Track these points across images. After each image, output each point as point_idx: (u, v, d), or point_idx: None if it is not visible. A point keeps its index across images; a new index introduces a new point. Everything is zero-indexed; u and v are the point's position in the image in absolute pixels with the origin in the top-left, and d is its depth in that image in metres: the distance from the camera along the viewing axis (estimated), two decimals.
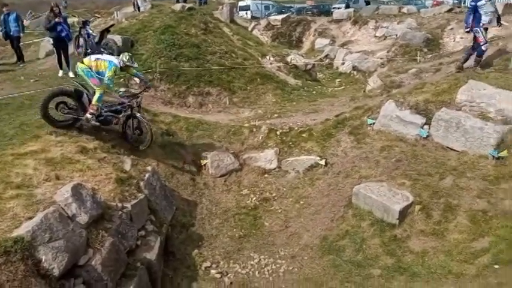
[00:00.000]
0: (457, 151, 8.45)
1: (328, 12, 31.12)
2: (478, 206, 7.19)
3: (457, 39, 17.86)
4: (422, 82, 10.31)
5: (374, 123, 9.76)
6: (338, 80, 17.28)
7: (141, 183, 7.66)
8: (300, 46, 23.48)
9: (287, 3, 39.60)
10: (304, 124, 10.69)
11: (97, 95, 8.07)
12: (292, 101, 12.77)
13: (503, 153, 7.87)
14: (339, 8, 29.69)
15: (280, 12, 32.31)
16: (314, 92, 13.94)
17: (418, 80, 10.79)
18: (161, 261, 7.30)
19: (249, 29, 23.94)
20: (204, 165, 9.87)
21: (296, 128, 10.62)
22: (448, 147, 8.60)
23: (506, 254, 6.20)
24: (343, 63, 18.40)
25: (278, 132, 10.57)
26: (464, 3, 26.15)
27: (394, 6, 25.67)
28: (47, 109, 7.75)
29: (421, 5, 31.47)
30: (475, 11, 9.71)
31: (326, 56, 20.10)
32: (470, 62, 10.13)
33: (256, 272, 7.54)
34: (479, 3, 9.61)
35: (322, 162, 9.52)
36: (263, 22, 26.33)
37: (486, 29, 9.76)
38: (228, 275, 7.49)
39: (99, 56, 8.38)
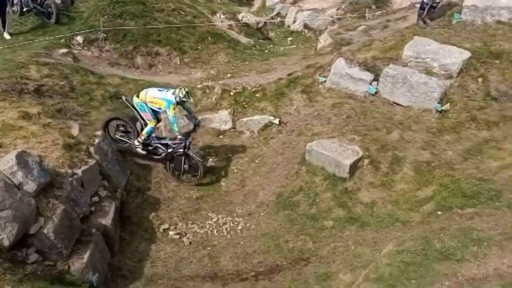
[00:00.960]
0: (403, 106, 8.81)
1: None
2: (423, 158, 7.62)
3: None
4: (370, 39, 10.49)
5: (325, 81, 9.90)
6: (290, 38, 17.15)
7: (91, 149, 7.43)
8: (250, 4, 22.83)
9: None
10: (258, 84, 10.64)
11: (147, 128, 8.27)
12: (245, 61, 12.60)
13: (446, 107, 8.30)
14: None
15: None
16: (266, 51, 13.80)
17: (367, 37, 10.95)
18: (117, 226, 7.24)
19: None
20: (158, 128, 9.65)
21: (249, 88, 10.55)
22: (395, 103, 8.94)
23: (447, 201, 6.68)
24: (294, 22, 18.23)
25: (232, 93, 10.47)
26: None
27: None
28: (107, 127, 8.42)
29: None
30: None
31: (277, 14, 19.79)
32: (429, 13, 10.33)
33: (215, 231, 7.66)
34: None
35: (276, 121, 9.62)
36: None
37: None
38: (187, 236, 7.57)
39: (155, 93, 8.16)
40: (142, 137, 8.29)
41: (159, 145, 8.42)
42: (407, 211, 6.98)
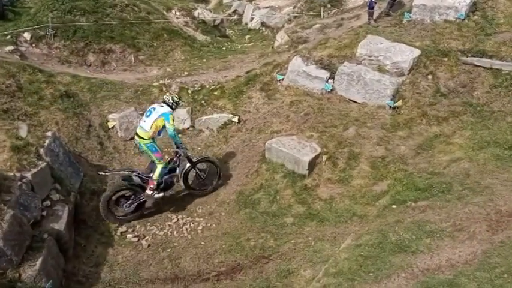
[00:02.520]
0: (358, 103, 9.03)
1: None
2: (378, 153, 7.85)
3: None
4: (326, 37, 10.67)
5: (283, 78, 9.97)
6: (247, 36, 17.16)
7: (41, 150, 7.10)
8: (207, 0, 22.72)
9: None
10: (216, 81, 10.57)
11: (158, 170, 7.49)
12: (202, 58, 12.46)
13: (399, 103, 8.59)
14: None
15: None
16: (224, 49, 13.72)
17: (322, 35, 11.14)
18: (71, 230, 6.97)
19: None
20: (112, 127, 9.36)
21: (208, 86, 10.46)
22: (350, 100, 9.15)
23: (402, 195, 6.91)
24: (252, 19, 18.25)
25: (189, 91, 10.33)
26: None
27: None
28: (109, 211, 7.43)
29: None
30: None
31: (235, 12, 19.75)
32: (395, 7, 10.67)
33: (175, 232, 7.54)
34: None
35: (235, 119, 9.59)
36: None
37: None
38: (146, 238, 7.40)
39: (149, 118, 7.35)
40: (155, 182, 7.48)
41: (167, 176, 7.73)
42: (364, 205, 7.16)
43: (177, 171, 7.91)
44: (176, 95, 7.79)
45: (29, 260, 5.72)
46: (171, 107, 7.48)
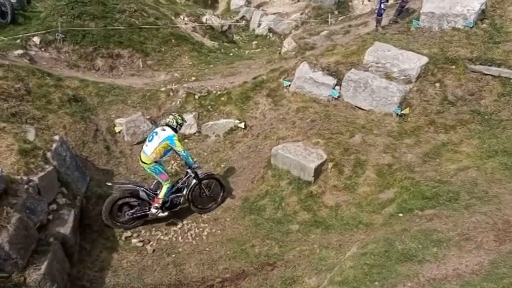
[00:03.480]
0: (365, 110, 8.99)
1: None
2: (384, 160, 7.80)
3: (365, 2, 18.58)
4: (333, 44, 10.67)
5: (290, 85, 9.98)
6: (255, 42, 17.23)
7: (49, 154, 7.14)
8: (215, 6, 22.82)
9: None
10: (223, 87, 10.60)
11: (164, 190, 7.50)
12: (210, 64, 12.51)
13: (406, 111, 8.55)
14: None
15: None
16: (231, 55, 13.78)
17: (330, 42, 11.14)
18: (77, 235, 6.99)
19: None
20: (119, 132, 9.42)
21: (214, 92, 10.50)
22: (357, 107, 9.12)
23: (408, 203, 6.86)
24: (259, 25, 18.32)
25: (196, 96, 10.38)
26: None
27: None
28: (111, 216, 7.42)
29: None
30: None
31: (242, 18, 19.85)
32: (403, 14, 10.67)
33: (180, 238, 7.53)
34: None
35: (242, 125, 9.60)
36: None
37: None
38: (151, 243, 7.40)
39: (152, 143, 7.30)
40: (160, 201, 7.50)
41: (173, 195, 7.71)
42: (370, 213, 7.11)
43: (185, 191, 7.79)
44: (180, 117, 7.60)
45: (35, 263, 5.72)
46: (174, 129, 7.40)
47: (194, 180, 7.76)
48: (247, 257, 6.93)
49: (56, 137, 7.71)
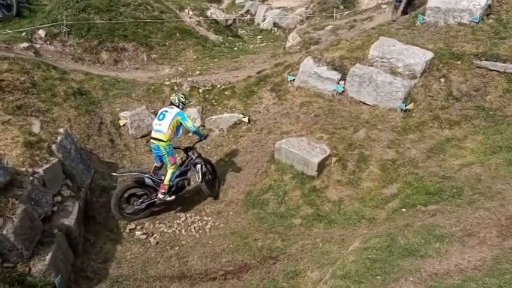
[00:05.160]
0: (369, 105, 8.97)
1: None
2: (388, 156, 7.79)
3: None
4: (338, 39, 10.63)
5: (294, 79, 9.96)
6: (259, 36, 17.22)
7: (54, 147, 7.18)
8: (220, 0, 22.81)
9: None
10: (227, 81, 10.61)
11: (169, 174, 7.60)
12: (214, 58, 12.52)
13: (410, 106, 8.52)
14: None
15: None
16: (236, 49, 13.77)
17: (334, 36, 11.11)
18: (81, 226, 7.04)
19: None
20: (124, 125, 9.45)
21: (219, 86, 10.51)
22: (361, 102, 9.10)
23: (412, 198, 6.85)
24: (264, 20, 18.30)
25: (200, 90, 10.39)
26: None
27: None
28: (120, 208, 7.51)
29: None
30: None
31: (247, 12, 19.83)
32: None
33: (183, 230, 7.57)
34: None
35: (246, 119, 9.61)
36: None
37: None
38: (154, 235, 7.44)
39: (164, 121, 7.42)
40: (166, 187, 7.61)
41: (178, 179, 7.82)
42: (373, 208, 7.11)
43: (189, 174, 7.96)
44: (182, 95, 7.84)
45: (39, 254, 5.77)
46: (178, 107, 7.60)
47: (200, 160, 7.91)
48: (250, 250, 6.96)
49: (61, 130, 7.76)
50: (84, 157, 8.03)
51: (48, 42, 11.08)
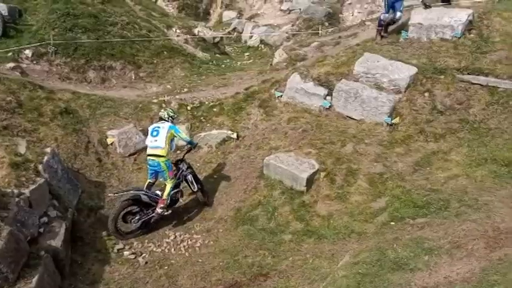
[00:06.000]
0: (356, 120, 9.08)
1: None
2: (375, 169, 7.85)
3: (355, 14, 18.90)
4: (323, 55, 10.79)
5: (281, 95, 10.06)
6: (246, 53, 17.39)
7: (40, 167, 7.11)
8: (207, 18, 23.04)
9: None
10: (215, 98, 10.67)
11: (168, 189, 7.70)
12: (202, 75, 12.59)
13: (396, 120, 8.64)
14: None
15: None
16: (223, 66, 13.88)
17: (320, 53, 11.27)
18: (68, 248, 6.93)
19: None
20: (111, 144, 9.40)
21: (207, 103, 10.55)
22: (348, 116, 9.20)
23: (400, 211, 6.89)
24: (251, 37, 18.52)
25: (189, 107, 10.42)
26: None
27: None
28: (117, 228, 7.47)
29: None
30: None
31: (234, 29, 20.05)
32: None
33: (172, 249, 7.50)
34: None
35: (234, 135, 9.64)
36: None
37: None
38: (143, 255, 7.35)
39: (160, 136, 7.51)
40: (165, 201, 7.68)
41: (174, 192, 7.88)
42: (362, 222, 7.13)
43: (181, 186, 8.07)
44: (170, 109, 8.01)
45: (25, 277, 5.64)
46: (168, 121, 7.76)
47: (191, 171, 8.08)
48: (240, 267, 6.91)
49: (48, 150, 7.69)
50: (71, 177, 7.95)
51: (35, 62, 11.06)
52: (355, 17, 18.45)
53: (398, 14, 10.27)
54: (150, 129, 7.81)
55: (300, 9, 20.23)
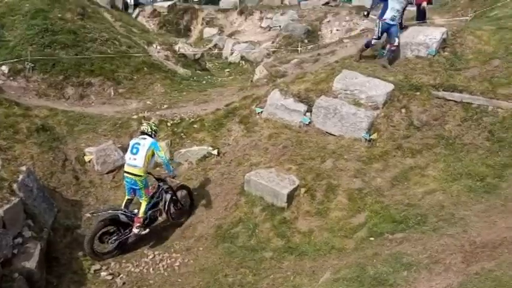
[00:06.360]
0: (335, 135, 9.18)
1: (215, 1, 31.05)
2: (355, 185, 7.92)
3: (333, 31, 19.27)
4: (303, 72, 10.92)
5: (262, 111, 10.11)
6: (227, 70, 17.48)
7: (15, 186, 6.95)
8: (188, 35, 23.16)
9: None
10: (195, 114, 10.64)
11: (144, 207, 7.56)
12: (182, 91, 12.57)
13: (374, 136, 8.77)
14: None
15: None
16: (204, 82, 13.90)
17: (300, 69, 11.40)
18: (43, 269, 6.74)
19: (134, 15, 22.86)
20: (89, 161, 9.26)
21: (187, 119, 10.52)
22: (327, 132, 9.30)
23: (379, 227, 6.94)
24: (231, 53, 18.66)
25: (169, 124, 10.37)
26: None
27: None
28: (93, 249, 7.30)
29: None
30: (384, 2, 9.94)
31: (215, 46, 20.18)
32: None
33: (151, 269, 7.36)
34: None
35: (215, 152, 9.61)
36: (148, 9, 25.28)
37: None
38: (120, 276, 7.20)
39: (139, 155, 7.38)
40: (141, 220, 7.53)
41: (150, 211, 7.76)
42: (342, 238, 7.14)
43: (160, 204, 7.91)
44: (153, 123, 7.95)
45: None
46: (150, 136, 7.60)
47: (169, 195, 7.90)
48: (221, 287, 6.81)
49: (23, 168, 7.54)
50: (47, 195, 7.78)
51: (11, 78, 10.89)
52: (334, 34, 18.81)
53: (396, 40, 9.87)
54: (130, 143, 7.70)
55: (280, 26, 20.53)
